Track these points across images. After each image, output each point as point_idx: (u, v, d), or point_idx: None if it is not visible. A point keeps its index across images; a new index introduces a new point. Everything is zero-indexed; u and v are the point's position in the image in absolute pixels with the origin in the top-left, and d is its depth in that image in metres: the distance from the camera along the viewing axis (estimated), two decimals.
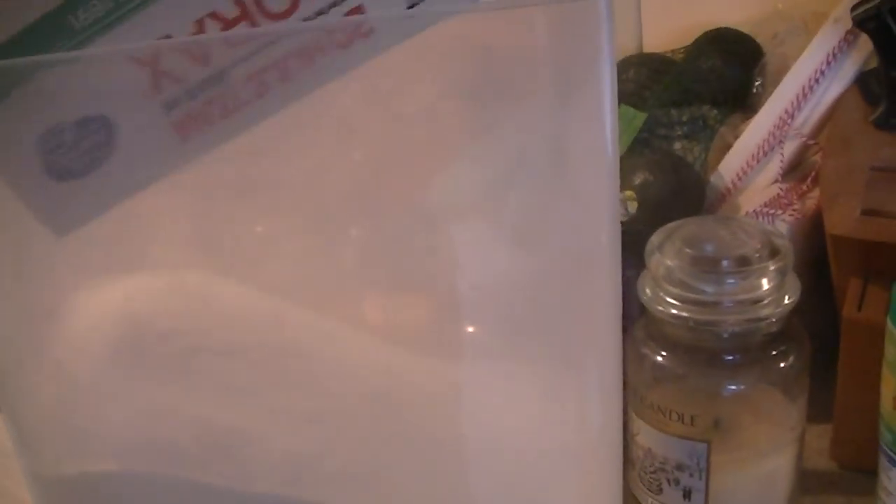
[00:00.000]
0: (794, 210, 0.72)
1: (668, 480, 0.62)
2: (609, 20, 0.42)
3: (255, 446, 0.49)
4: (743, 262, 0.58)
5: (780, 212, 0.72)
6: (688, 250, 0.59)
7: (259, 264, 0.48)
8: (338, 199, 0.47)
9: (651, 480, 0.63)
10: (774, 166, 0.76)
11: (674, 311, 0.58)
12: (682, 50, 0.90)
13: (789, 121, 0.76)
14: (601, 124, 0.45)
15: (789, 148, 0.76)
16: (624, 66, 0.88)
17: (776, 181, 0.76)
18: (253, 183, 0.46)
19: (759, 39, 0.88)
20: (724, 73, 0.84)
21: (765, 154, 0.77)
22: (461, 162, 0.47)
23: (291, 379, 0.49)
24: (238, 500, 0.50)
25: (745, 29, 0.89)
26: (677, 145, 0.80)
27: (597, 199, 0.48)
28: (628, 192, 0.73)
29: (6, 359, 0.49)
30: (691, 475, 0.60)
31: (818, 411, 0.65)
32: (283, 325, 0.49)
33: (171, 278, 0.48)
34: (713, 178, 0.78)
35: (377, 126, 0.46)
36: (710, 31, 0.90)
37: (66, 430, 0.50)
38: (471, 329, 0.50)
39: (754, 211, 0.73)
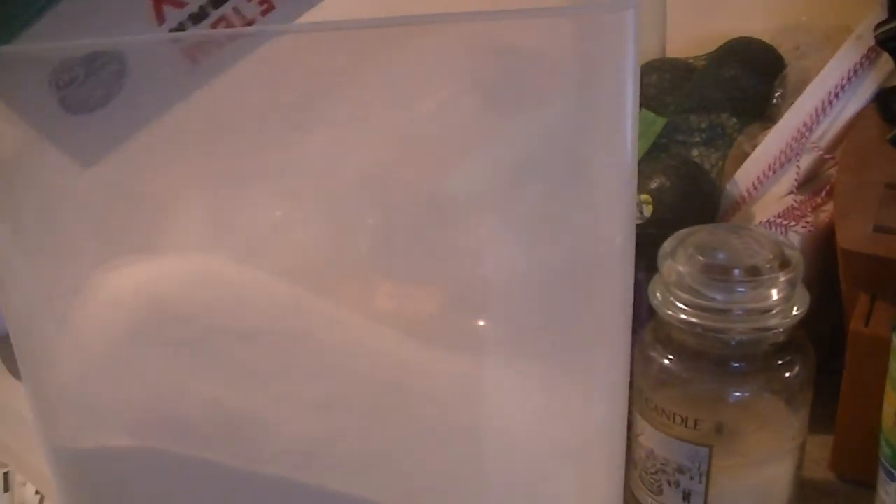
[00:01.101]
0: (806, 222, 0.73)
1: (669, 482, 0.63)
2: (635, 34, 0.42)
3: (266, 429, 0.50)
4: (754, 271, 0.59)
5: (793, 223, 0.73)
6: (700, 257, 0.60)
7: (275, 251, 0.49)
8: (354, 189, 0.48)
9: (652, 481, 0.64)
10: (790, 178, 0.77)
11: (683, 317, 0.59)
12: (704, 57, 0.91)
13: (807, 133, 0.77)
14: (622, 133, 0.46)
15: (806, 161, 0.77)
16: (646, 71, 0.89)
17: (791, 193, 0.77)
18: (272, 170, 0.48)
19: (781, 50, 0.89)
20: (745, 83, 0.84)
21: (781, 165, 0.77)
22: (479, 158, 0.48)
23: (303, 365, 0.50)
24: (247, 481, 0.50)
25: (767, 39, 0.90)
26: (695, 152, 0.80)
27: (613, 203, 0.48)
28: (644, 196, 0.74)
29: (31, 331, 0.50)
30: (691, 478, 0.61)
31: (821, 422, 0.66)
32: (296, 312, 0.50)
33: (190, 262, 0.50)
34: (729, 186, 0.79)
35: (398, 118, 0.47)
36: (733, 39, 0.90)
37: (84, 404, 0.51)
38: (481, 323, 0.51)
39: (768, 221, 0.74)
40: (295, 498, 0.51)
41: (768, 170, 0.78)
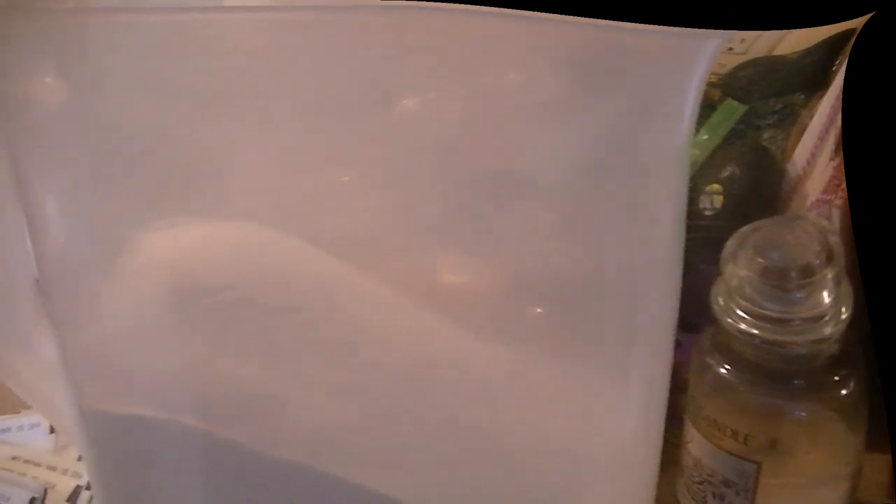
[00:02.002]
0: (843, 190, 0.66)
1: (714, 494, 0.59)
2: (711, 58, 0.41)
3: (286, 412, 0.49)
4: (807, 272, 0.55)
5: (833, 197, 0.67)
6: (759, 260, 0.56)
7: (326, 219, 0.47)
8: (416, 159, 0.46)
9: (697, 490, 0.61)
10: (831, 141, 0.70)
11: (743, 327, 0.56)
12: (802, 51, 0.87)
13: None
14: (679, 141, 0.44)
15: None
16: (742, 66, 0.85)
17: (832, 159, 0.70)
18: (338, 138, 0.45)
19: None
20: (823, 64, 0.80)
21: (827, 130, 0.71)
22: (547, 141, 0.46)
23: (334, 347, 0.48)
24: (260, 463, 0.49)
25: None
26: (766, 135, 0.76)
27: (665, 204, 0.47)
28: (715, 186, 0.71)
29: (65, 291, 0.50)
30: (737, 493, 0.58)
31: (885, 441, 0.61)
32: (335, 290, 0.48)
33: (234, 229, 0.48)
34: (789, 166, 0.74)
35: (477, 88, 0.45)
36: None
37: (110, 369, 0.51)
38: (537, 310, 0.49)
39: (816, 200, 0.68)
40: (309, 485, 0.50)
41: (818, 139, 0.72)
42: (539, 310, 0.49)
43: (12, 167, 0.48)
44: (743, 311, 0.56)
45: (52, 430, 0.72)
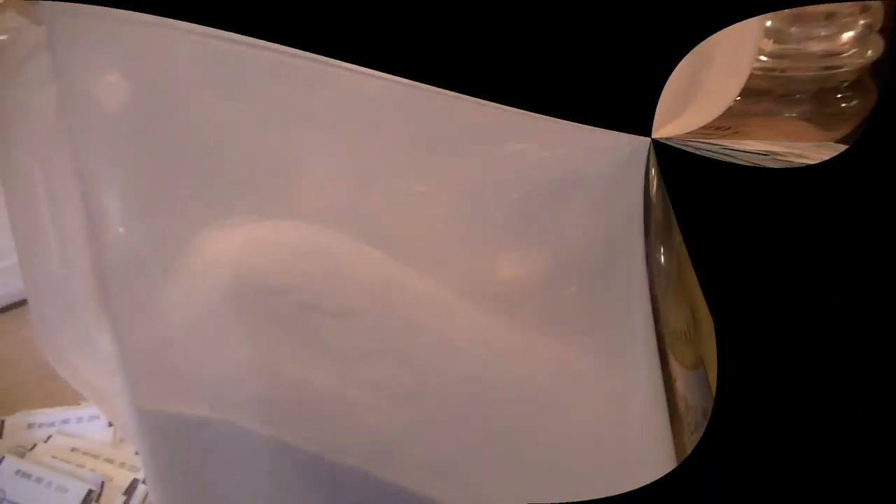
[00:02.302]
0: None
1: None
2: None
3: (350, 417, 0.49)
4: None
5: None
6: None
7: (391, 222, 0.48)
8: (485, 169, 0.47)
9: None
10: None
11: None
12: None
13: None
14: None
15: None
16: None
17: None
18: (412, 139, 0.47)
19: None
20: None
21: None
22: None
23: (396, 351, 0.48)
24: (323, 468, 0.49)
25: None
26: None
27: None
28: None
29: (126, 290, 0.51)
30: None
31: None
32: (398, 292, 0.48)
33: (303, 230, 0.48)
34: None
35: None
36: None
37: (167, 368, 0.51)
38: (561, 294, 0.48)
39: None
40: (365, 490, 0.49)
41: None
42: (573, 288, 0.47)
43: (75, 163, 0.50)
44: None
45: (111, 423, 0.72)
